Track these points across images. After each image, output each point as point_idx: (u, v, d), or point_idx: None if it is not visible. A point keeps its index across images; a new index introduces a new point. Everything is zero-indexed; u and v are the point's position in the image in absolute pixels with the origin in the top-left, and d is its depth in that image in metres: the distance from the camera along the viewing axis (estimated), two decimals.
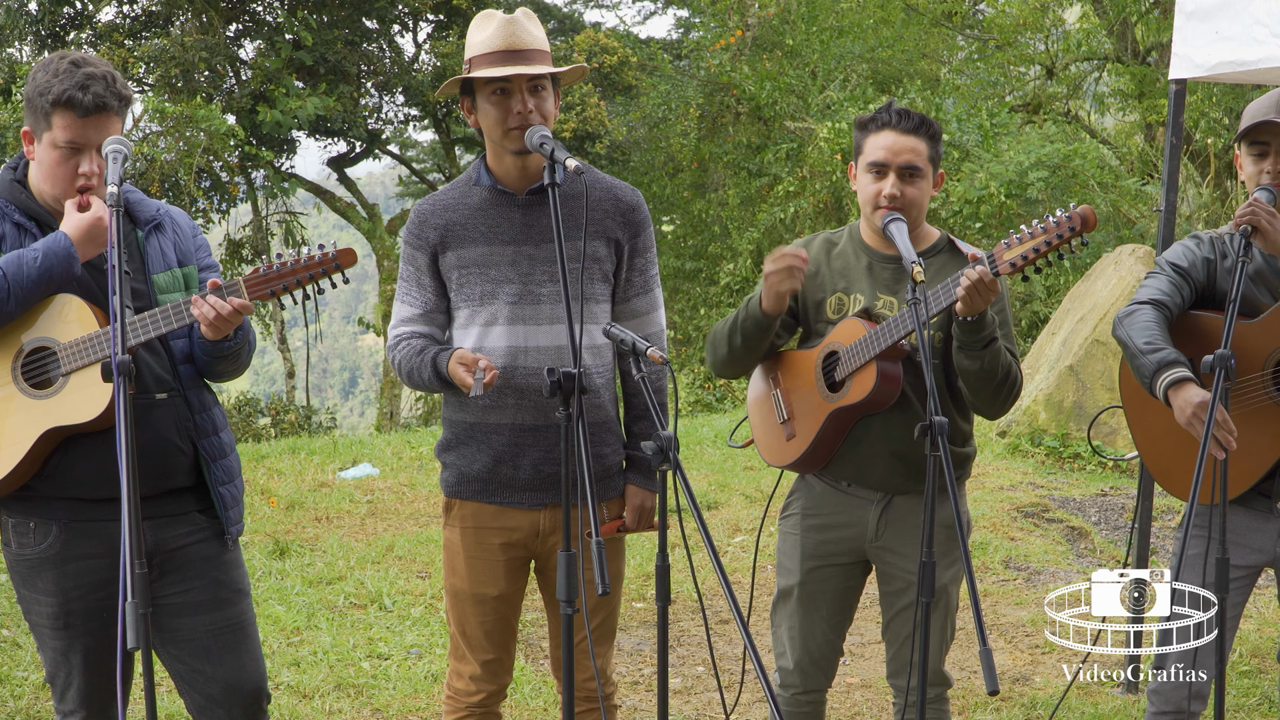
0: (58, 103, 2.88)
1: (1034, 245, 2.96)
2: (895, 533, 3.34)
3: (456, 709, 3.31)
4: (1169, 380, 3.15)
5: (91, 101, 2.88)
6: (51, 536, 2.98)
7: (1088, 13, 18.46)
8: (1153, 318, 3.27)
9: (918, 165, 3.22)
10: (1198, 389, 3.12)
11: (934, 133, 3.24)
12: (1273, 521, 3.30)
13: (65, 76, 2.89)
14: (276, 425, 16.72)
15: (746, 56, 17.86)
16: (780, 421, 3.42)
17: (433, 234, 3.21)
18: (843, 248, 3.40)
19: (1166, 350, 3.20)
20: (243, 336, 3.05)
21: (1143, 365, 3.22)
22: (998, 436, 9.31)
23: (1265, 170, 3.23)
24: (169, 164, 14.74)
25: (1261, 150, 3.24)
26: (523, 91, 3.06)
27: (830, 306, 3.36)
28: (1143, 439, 3.45)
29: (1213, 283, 3.35)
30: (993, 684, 2.51)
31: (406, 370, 3.20)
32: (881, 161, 3.22)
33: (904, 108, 3.27)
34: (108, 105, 2.90)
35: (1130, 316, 3.30)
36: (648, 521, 3.29)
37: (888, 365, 3.18)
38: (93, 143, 2.92)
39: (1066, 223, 2.93)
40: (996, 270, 3.01)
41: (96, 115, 2.89)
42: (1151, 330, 3.24)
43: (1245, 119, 3.28)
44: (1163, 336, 3.23)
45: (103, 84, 2.90)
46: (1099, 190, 13.01)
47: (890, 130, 3.23)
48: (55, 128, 2.91)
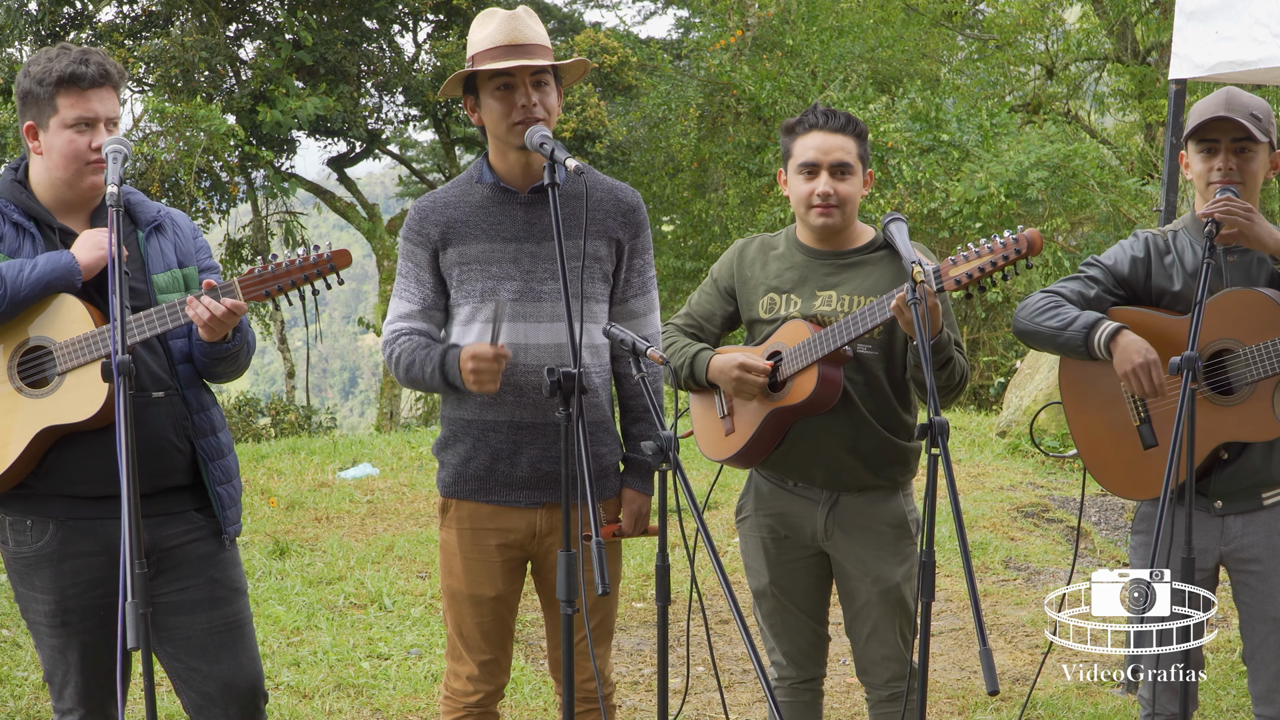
0: (62, 81, 2.93)
1: (979, 264, 3.02)
2: (844, 531, 3.40)
3: (454, 709, 3.31)
4: (1105, 335, 3.21)
5: (95, 72, 2.95)
6: (48, 534, 2.98)
7: (1088, 13, 18.46)
8: (1046, 301, 3.33)
9: (848, 162, 3.30)
10: (1134, 335, 3.18)
11: (861, 131, 3.34)
12: (1213, 520, 3.30)
13: (61, 57, 2.96)
14: (276, 425, 16.70)
15: (746, 56, 17.85)
16: (720, 416, 3.46)
17: (434, 230, 3.21)
18: (782, 250, 3.46)
19: (1080, 314, 3.26)
20: (241, 338, 3.06)
21: (1070, 340, 3.26)
22: (998, 436, 9.31)
23: (1215, 167, 3.23)
24: (169, 164, 14.73)
25: (1210, 148, 3.24)
26: (526, 85, 3.07)
27: (762, 306, 3.42)
28: (1080, 434, 3.46)
29: (1145, 280, 3.36)
30: (993, 684, 2.51)
31: (405, 364, 3.17)
32: (813, 161, 3.30)
33: (829, 108, 3.36)
34: (109, 74, 2.98)
35: (1024, 310, 3.37)
36: (643, 526, 3.30)
37: (829, 369, 3.23)
38: (101, 116, 2.97)
39: (1014, 244, 3.00)
40: (941, 285, 3.06)
41: (101, 87, 2.96)
42: (1050, 310, 3.31)
43: (1192, 116, 3.29)
44: (1066, 308, 3.29)
45: (99, 56, 2.99)
46: (1099, 190, 13.02)
47: (818, 131, 3.32)
48: (62, 108, 2.94)
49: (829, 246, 3.41)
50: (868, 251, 3.40)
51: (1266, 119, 3.23)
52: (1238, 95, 3.25)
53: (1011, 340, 13.45)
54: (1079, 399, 3.44)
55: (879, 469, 3.37)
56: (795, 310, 3.37)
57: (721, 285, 3.52)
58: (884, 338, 3.31)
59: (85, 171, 2.97)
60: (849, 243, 3.42)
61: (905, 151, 13.94)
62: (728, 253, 3.57)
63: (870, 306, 3.16)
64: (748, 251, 3.51)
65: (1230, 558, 3.31)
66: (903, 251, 3.12)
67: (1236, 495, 3.26)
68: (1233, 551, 3.29)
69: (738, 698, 4.93)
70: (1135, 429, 3.33)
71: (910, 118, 14.38)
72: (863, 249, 3.41)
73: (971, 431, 9.69)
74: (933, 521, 2.74)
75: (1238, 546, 3.28)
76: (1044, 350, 3.46)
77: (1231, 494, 3.26)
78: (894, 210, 6.88)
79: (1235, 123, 3.18)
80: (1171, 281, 3.30)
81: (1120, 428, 3.34)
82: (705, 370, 3.39)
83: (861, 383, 3.32)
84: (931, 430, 2.70)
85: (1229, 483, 3.25)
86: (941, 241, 13.48)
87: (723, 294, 3.52)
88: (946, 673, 5.16)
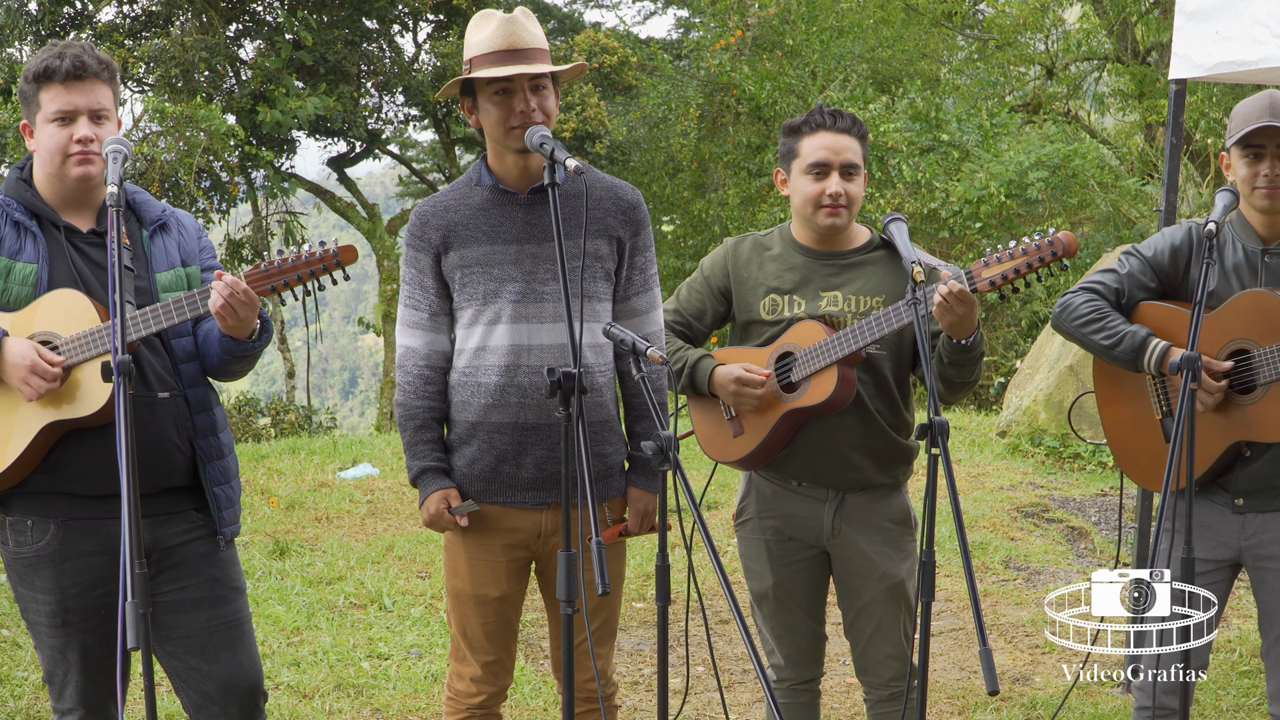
0: (40, 76, 2.96)
1: (1014, 266, 3.05)
2: (851, 530, 3.41)
3: (457, 710, 3.31)
4: (1155, 359, 3.25)
5: (69, 66, 2.94)
6: (49, 534, 2.98)
7: (1088, 13, 18.46)
8: (1090, 310, 3.35)
9: (856, 163, 3.33)
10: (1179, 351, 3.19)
11: (864, 133, 3.36)
12: (1235, 516, 3.33)
13: (43, 54, 2.98)
14: (276, 425, 16.70)
15: (746, 56, 17.84)
16: (727, 418, 3.46)
17: (435, 235, 3.21)
18: (778, 251, 3.46)
19: (1126, 331, 3.29)
20: (266, 338, 3.08)
21: (1119, 358, 3.30)
22: (998, 436, 9.31)
23: (1261, 173, 3.24)
24: (169, 164, 14.72)
25: (1257, 153, 3.25)
26: (524, 90, 3.07)
27: (763, 308, 3.42)
28: (1110, 425, 3.50)
29: (1184, 271, 3.37)
30: (993, 684, 2.52)
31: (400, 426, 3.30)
32: (824, 161, 3.31)
33: (835, 109, 3.37)
34: (86, 66, 2.96)
35: (1068, 314, 3.38)
36: (649, 524, 3.30)
37: (847, 370, 3.25)
38: (81, 108, 2.96)
39: (1049, 247, 3.02)
40: (975, 287, 3.09)
41: (78, 80, 2.95)
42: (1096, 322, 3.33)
43: (1237, 121, 3.28)
44: (1112, 321, 3.32)
45: (78, 49, 2.98)
46: (1099, 190, 13.02)
47: (826, 131, 3.33)
48: (44, 103, 2.97)
49: (829, 247, 3.42)
50: (866, 251, 3.41)
51: None
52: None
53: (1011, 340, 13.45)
54: (1109, 390, 3.48)
55: (886, 467, 3.39)
56: (801, 311, 3.37)
57: (715, 285, 3.51)
58: (893, 338, 3.31)
59: (70, 163, 2.97)
60: (848, 243, 3.43)
61: (905, 151, 13.94)
62: (719, 251, 3.56)
63: (894, 308, 3.18)
64: (741, 251, 3.50)
65: (1250, 554, 3.33)
66: (903, 251, 3.14)
67: (1258, 494, 3.29)
68: (1252, 547, 3.31)
69: (738, 698, 4.93)
70: (1158, 421, 3.36)
71: (910, 118, 14.38)
72: (861, 249, 3.42)
73: (971, 431, 9.69)
74: (933, 521, 2.74)
75: (1257, 543, 3.30)
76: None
77: (1253, 492, 3.29)
78: (894, 210, 6.88)
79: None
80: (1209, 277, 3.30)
81: (1145, 420, 3.38)
82: (707, 382, 3.40)
83: (871, 383, 3.33)
84: (931, 430, 2.71)
85: (1251, 481, 3.28)
86: (941, 241, 13.49)
87: (715, 293, 3.51)
88: (946, 673, 5.17)
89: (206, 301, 2.92)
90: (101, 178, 2.99)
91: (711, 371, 3.39)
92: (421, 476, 3.24)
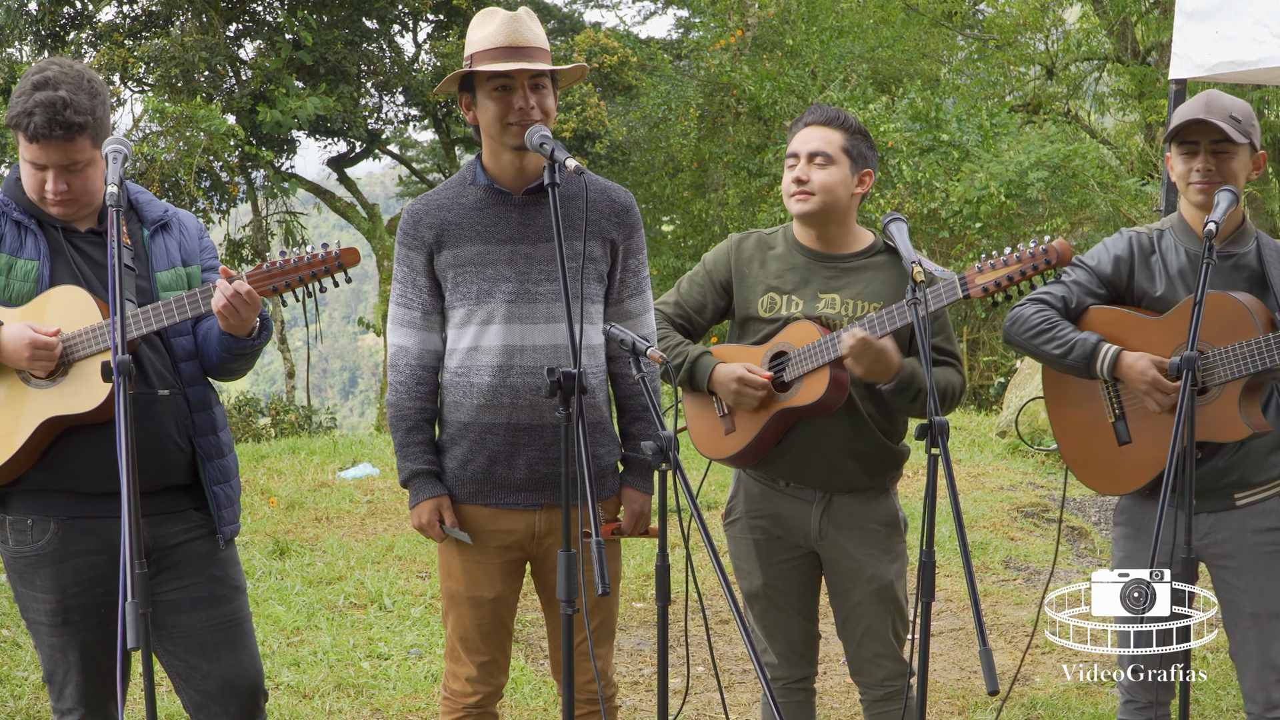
0: (12, 125, 2.89)
1: (1007, 273, 3.08)
2: (838, 531, 3.41)
3: (453, 710, 3.31)
4: (1107, 364, 3.26)
5: (34, 131, 2.85)
6: (49, 534, 2.99)
7: (1088, 13, 18.46)
8: (1040, 320, 3.35)
9: (826, 152, 3.34)
10: (1132, 355, 3.23)
11: (850, 126, 3.37)
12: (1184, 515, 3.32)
13: (23, 98, 2.87)
14: (276, 425, 16.70)
15: (746, 56, 17.84)
16: (720, 415, 3.46)
17: (428, 233, 3.21)
18: (781, 250, 3.47)
19: (1077, 338, 3.29)
20: (266, 336, 3.08)
21: (1072, 366, 3.31)
22: (998, 436, 9.31)
23: (1195, 168, 3.27)
24: (169, 164, 14.73)
25: (1191, 149, 3.28)
26: (524, 88, 3.07)
27: (761, 305, 3.43)
28: (1061, 430, 3.50)
29: (1128, 280, 3.38)
30: (993, 684, 2.52)
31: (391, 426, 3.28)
32: (793, 151, 3.38)
33: (825, 106, 3.43)
34: (56, 124, 2.83)
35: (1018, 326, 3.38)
36: (644, 526, 3.30)
37: (840, 372, 3.26)
38: (53, 162, 2.90)
39: (1043, 255, 3.05)
40: (968, 294, 3.12)
41: (44, 142, 2.87)
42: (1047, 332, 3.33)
43: (1173, 120, 3.34)
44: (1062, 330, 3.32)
45: (49, 111, 2.83)
46: (1099, 190, 13.01)
47: (808, 126, 3.39)
48: (20, 145, 2.94)
49: (830, 249, 3.42)
50: (868, 255, 3.42)
51: (1247, 121, 3.28)
52: (1217, 98, 3.30)
53: None
54: (1058, 395, 3.48)
55: (874, 471, 3.40)
56: (798, 311, 3.37)
57: (717, 279, 3.52)
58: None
59: (48, 203, 2.97)
60: (849, 246, 3.43)
61: (905, 151, 13.93)
62: (722, 246, 3.57)
63: (890, 310, 3.19)
64: (745, 247, 3.51)
65: (1205, 553, 3.33)
66: (903, 252, 3.14)
67: (1208, 494, 3.28)
68: (1207, 547, 3.31)
69: (738, 698, 4.94)
70: (1111, 425, 3.36)
71: (910, 118, 14.37)
72: (862, 253, 3.43)
73: (971, 431, 9.69)
74: (933, 521, 2.74)
75: (1211, 542, 3.31)
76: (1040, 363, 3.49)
77: (1203, 493, 3.27)
78: (894, 210, 6.89)
79: (1214, 125, 3.22)
80: (1154, 284, 3.34)
81: (1097, 423, 3.38)
82: (707, 380, 3.41)
83: (862, 386, 3.33)
84: (931, 430, 2.71)
85: (1201, 481, 3.26)
86: (941, 241, 13.49)
87: (717, 288, 3.52)
88: (946, 673, 5.17)
89: (207, 300, 2.92)
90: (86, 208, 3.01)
91: (712, 371, 3.40)
92: (413, 480, 3.23)
